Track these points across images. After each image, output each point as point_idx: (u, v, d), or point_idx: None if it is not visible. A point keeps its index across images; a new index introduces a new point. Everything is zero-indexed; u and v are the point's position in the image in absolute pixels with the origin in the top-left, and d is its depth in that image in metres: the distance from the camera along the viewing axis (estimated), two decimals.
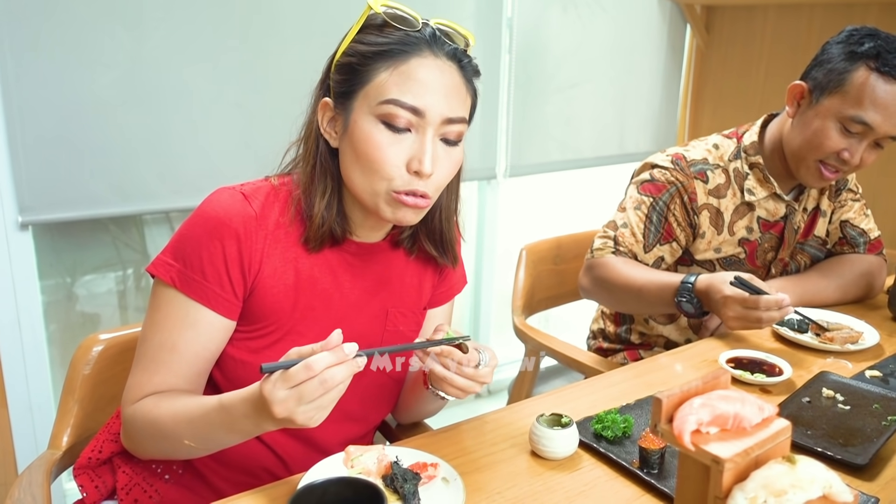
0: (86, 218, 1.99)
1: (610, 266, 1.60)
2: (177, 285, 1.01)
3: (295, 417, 0.82)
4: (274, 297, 1.05)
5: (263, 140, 2.10)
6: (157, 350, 1.02)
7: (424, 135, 0.99)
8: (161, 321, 1.02)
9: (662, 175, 1.63)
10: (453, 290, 1.30)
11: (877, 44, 1.45)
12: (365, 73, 0.99)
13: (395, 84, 0.97)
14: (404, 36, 1.00)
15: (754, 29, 2.99)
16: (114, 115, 1.92)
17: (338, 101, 1.03)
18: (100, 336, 1.30)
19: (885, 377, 1.35)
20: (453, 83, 1.01)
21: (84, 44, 1.83)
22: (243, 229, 1.02)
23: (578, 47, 2.82)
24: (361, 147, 0.99)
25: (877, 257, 1.76)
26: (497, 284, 2.96)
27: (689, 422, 0.66)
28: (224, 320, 1.04)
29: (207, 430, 0.93)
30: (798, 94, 1.58)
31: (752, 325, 1.38)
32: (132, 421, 1.02)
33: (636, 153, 3.07)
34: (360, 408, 1.16)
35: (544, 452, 1.04)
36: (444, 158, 1.02)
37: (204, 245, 1.01)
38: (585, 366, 1.71)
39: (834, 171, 1.54)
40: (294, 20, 2.11)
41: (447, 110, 1.00)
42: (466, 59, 1.04)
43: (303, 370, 0.80)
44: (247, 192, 1.05)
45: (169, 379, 1.01)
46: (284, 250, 1.06)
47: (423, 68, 0.98)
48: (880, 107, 1.45)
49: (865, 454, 1.05)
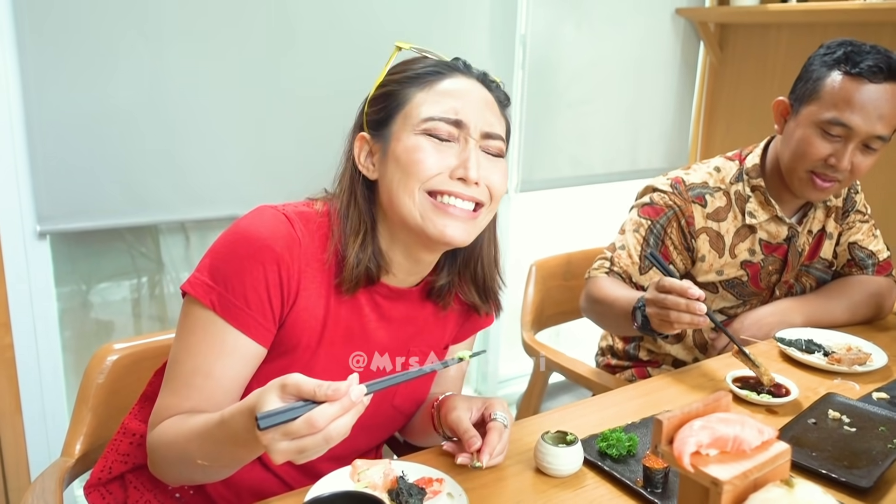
0: (102, 228, 2.02)
1: (598, 285, 1.60)
2: (216, 309, 0.97)
3: (295, 462, 0.79)
4: (303, 330, 1.03)
5: (279, 153, 2.13)
6: (191, 375, 0.99)
7: (467, 144, 1.01)
8: (196, 345, 0.99)
9: (661, 199, 1.64)
10: (477, 327, 1.29)
11: (847, 50, 1.49)
12: (401, 96, 1.02)
13: (432, 102, 1.01)
14: (437, 62, 1.04)
15: (768, 47, 3.00)
16: (131, 127, 1.95)
17: (374, 132, 1.04)
18: (114, 346, 1.32)
19: (892, 399, 1.34)
20: (487, 99, 1.05)
21: (104, 56, 1.87)
22: (286, 254, 0.99)
23: (591, 63, 2.84)
24: (404, 156, 0.99)
25: (886, 279, 1.76)
26: (508, 299, 2.96)
27: (689, 444, 0.67)
28: (259, 348, 1.01)
29: (214, 446, 0.90)
30: (783, 111, 1.61)
31: (662, 313, 1.28)
32: (154, 446, 1.00)
33: (648, 170, 3.08)
34: (369, 443, 1.18)
35: (549, 469, 1.05)
36: (491, 167, 1.03)
37: (246, 268, 0.97)
38: (593, 382, 1.71)
39: (828, 180, 1.54)
40: (314, 36, 2.14)
41: (484, 124, 1.02)
42: (495, 84, 1.09)
43: (305, 426, 0.75)
44: (290, 214, 1.03)
45: (202, 404, 0.98)
46: (319, 285, 1.04)
47: (456, 84, 1.03)
48: (855, 106, 1.46)
49: (870, 477, 1.06)
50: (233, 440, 0.85)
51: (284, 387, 0.77)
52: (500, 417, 1.06)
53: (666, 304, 1.26)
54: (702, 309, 1.24)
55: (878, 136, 1.48)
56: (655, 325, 1.33)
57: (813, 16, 2.69)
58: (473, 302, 1.18)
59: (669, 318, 1.27)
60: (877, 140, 1.49)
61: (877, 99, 1.46)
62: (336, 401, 0.76)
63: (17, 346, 1.96)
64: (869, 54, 1.47)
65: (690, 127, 3.29)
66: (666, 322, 1.28)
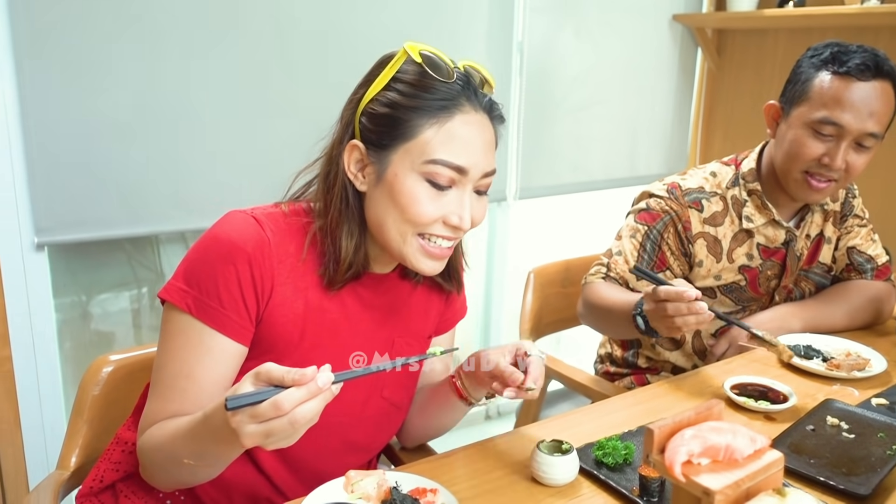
0: (100, 239, 2.02)
1: (595, 290, 1.61)
2: (192, 312, 1.00)
3: (264, 447, 0.82)
4: (283, 325, 1.05)
5: (277, 163, 2.13)
6: (174, 378, 1.01)
7: (464, 190, 1.03)
8: (176, 349, 1.02)
9: (657, 204, 1.64)
10: (456, 317, 1.32)
11: (834, 50, 1.50)
12: (407, 128, 1.01)
13: (441, 143, 1.00)
14: (445, 89, 1.01)
15: (765, 52, 3.00)
16: (130, 138, 1.96)
17: (371, 150, 1.04)
18: (110, 357, 1.32)
19: (891, 405, 1.34)
20: (490, 138, 1.06)
21: (101, 67, 1.88)
22: (256, 253, 1.01)
23: (589, 70, 2.84)
24: (402, 200, 1.01)
25: (885, 283, 1.75)
26: (507, 306, 2.96)
27: (680, 453, 0.67)
28: (239, 346, 1.03)
29: (198, 444, 0.91)
30: (775, 114, 1.61)
31: (667, 321, 1.28)
32: (144, 450, 1.02)
33: (647, 176, 3.08)
34: (363, 437, 1.17)
35: (544, 479, 1.04)
36: (478, 207, 1.07)
37: (218, 270, 1.00)
38: (592, 390, 1.71)
39: (824, 180, 1.54)
40: (312, 44, 2.15)
41: (486, 165, 1.04)
42: (497, 110, 1.09)
43: (271, 409, 0.78)
44: (259, 216, 1.05)
45: (185, 407, 1.00)
46: (296, 280, 1.06)
47: (466, 126, 1.02)
48: (845, 104, 1.47)
49: (868, 484, 1.05)
50: (214, 436, 0.87)
51: (258, 374, 0.81)
52: (535, 352, 1.10)
53: (667, 312, 1.27)
54: (703, 307, 1.25)
55: (871, 134, 1.49)
56: (664, 333, 1.34)
57: (810, 21, 2.69)
58: (437, 281, 1.22)
59: (676, 325, 1.28)
60: (869, 138, 1.49)
61: (866, 96, 1.46)
62: (303, 385, 0.79)
63: (16, 359, 1.96)
64: (856, 53, 1.48)
65: (689, 132, 3.29)
66: (674, 328, 1.29)
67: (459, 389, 1.17)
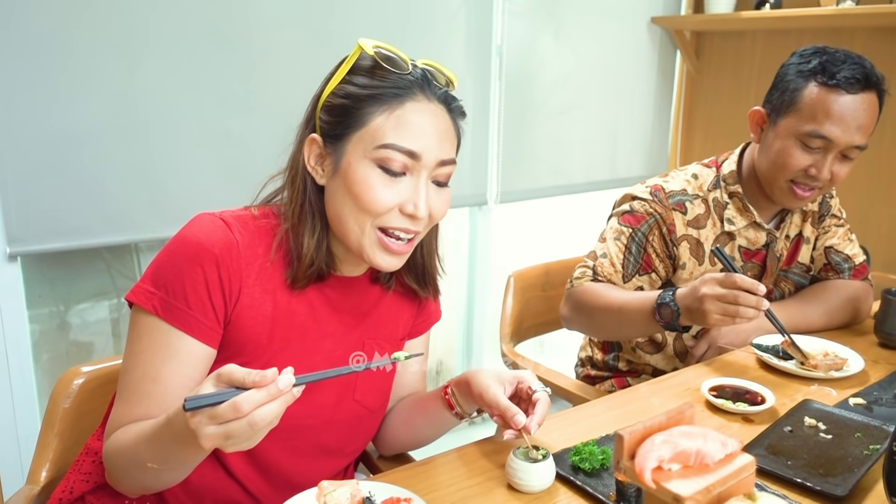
0: (75, 248, 1.99)
1: (589, 292, 1.60)
2: (159, 313, 1.00)
3: (224, 449, 0.81)
4: (251, 327, 1.05)
5: (255, 169, 2.08)
6: (140, 381, 1.01)
7: (419, 178, 1.02)
8: (142, 351, 1.01)
9: (641, 206, 1.64)
10: (430, 321, 1.31)
11: (822, 60, 1.49)
12: (359, 116, 1.01)
13: (391, 128, 1.00)
14: (397, 79, 1.02)
15: (743, 54, 3.01)
16: (104, 145, 1.93)
17: (328, 142, 1.04)
18: (81, 369, 1.29)
19: (868, 405, 1.34)
20: (445, 126, 1.05)
21: (74, 73, 1.85)
22: (224, 255, 1.01)
23: (569, 73, 2.85)
24: (356, 188, 1.01)
25: (862, 283, 1.76)
26: (490, 310, 2.96)
27: (651, 459, 0.66)
28: (207, 349, 1.03)
29: (162, 448, 0.90)
30: (759, 120, 1.61)
31: (730, 309, 1.33)
32: (108, 455, 1.01)
33: (628, 178, 3.09)
34: (336, 441, 1.16)
35: (520, 486, 1.03)
36: (437, 199, 1.06)
37: (186, 271, 1.00)
38: (572, 394, 1.70)
39: (808, 189, 1.55)
40: (288, 48, 2.14)
41: (441, 153, 1.03)
42: (454, 102, 1.08)
43: (230, 410, 0.77)
44: (227, 219, 1.05)
45: (151, 410, 0.99)
46: (265, 282, 1.06)
47: (417, 112, 1.01)
48: (834, 119, 1.47)
49: (846, 485, 1.05)
50: (177, 439, 0.86)
51: (219, 375, 0.80)
52: (539, 387, 1.11)
53: (738, 300, 1.31)
54: (766, 305, 1.33)
55: (857, 146, 1.50)
56: (706, 322, 1.36)
57: (787, 22, 2.71)
58: (413, 287, 1.21)
59: (738, 314, 1.32)
60: (855, 150, 1.51)
61: (854, 110, 1.47)
62: (263, 387, 0.78)
63: None
64: (844, 64, 1.47)
65: (669, 135, 3.30)
66: (728, 316, 1.33)
67: (452, 403, 1.18)
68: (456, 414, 1.19)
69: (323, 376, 0.87)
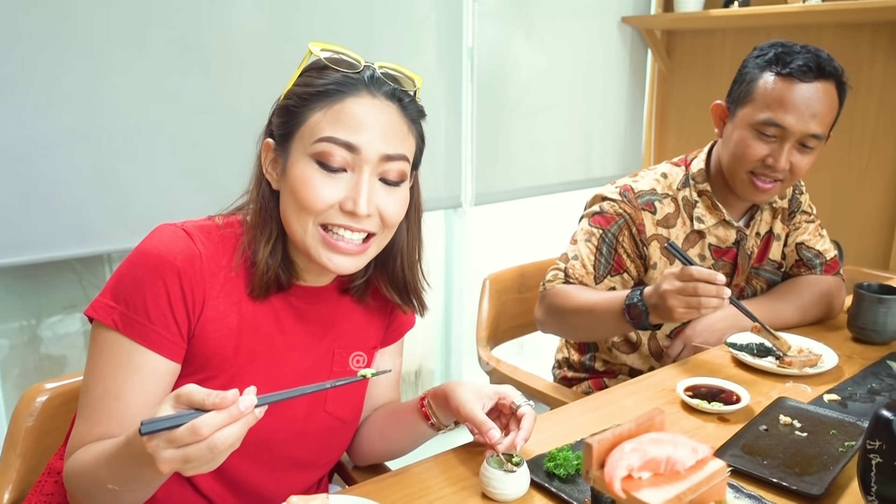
0: (40, 261, 1.94)
1: (562, 293, 1.59)
2: (119, 328, 0.97)
3: (182, 473, 0.78)
4: (216, 340, 1.02)
5: (225, 178, 2.08)
6: (101, 399, 0.98)
7: (361, 173, 0.98)
8: (103, 368, 0.98)
9: (611, 207, 1.63)
10: (403, 328, 1.29)
11: (778, 51, 1.51)
12: (300, 114, 0.99)
13: (328, 122, 0.97)
14: (342, 77, 0.99)
15: (713, 52, 3.03)
16: (68, 154, 1.88)
17: (278, 144, 1.02)
18: (45, 385, 1.26)
19: (843, 401, 1.34)
20: (391, 121, 1.00)
21: (33, 80, 1.81)
22: (186, 267, 0.99)
23: (541, 74, 2.84)
24: (294, 185, 0.98)
25: (835, 278, 1.77)
26: (467, 313, 2.94)
27: (620, 468, 0.65)
28: (170, 364, 1.00)
29: (121, 468, 0.87)
30: (721, 114, 1.62)
31: (692, 301, 1.31)
32: (69, 475, 0.98)
33: (603, 177, 3.09)
34: (307, 454, 1.14)
35: (494, 495, 1.01)
36: (387, 198, 1.01)
37: (147, 284, 0.97)
38: (549, 397, 1.69)
39: (769, 181, 1.55)
40: (254, 57, 2.11)
41: (384, 147, 0.99)
42: (408, 98, 1.03)
43: (189, 433, 0.74)
44: (189, 229, 1.03)
45: (113, 429, 0.96)
46: (229, 293, 1.03)
47: (357, 106, 0.98)
48: (788, 106, 1.48)
49: (821, 483, 1.04)
50: (137, 460, 0.83)
51: (178, 396, 0.77)
52: (522, 402, 1.10)
53: (698, 292, 1.30)
54: (728, 293, 1.31)
55: (814, 135, 1.50)
56: (671, 318, 1.35)
57: (755, 20, 2.73)
58: (394, 301, 1.18)
59: (700, 305, 1.31)
60: (812, 139, 1.50)
61: (808, 98, 1.47)
62: (223, 409, 0.75)
63: None
64: (799, 54, 1.48)
65: (643, 133, 3.31)
66: (693, 309, 1.32)
67: (428, 415, 1.16)
68: (432, 425, 1.17)
69: (286, 396, 0.83)
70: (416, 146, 1.06)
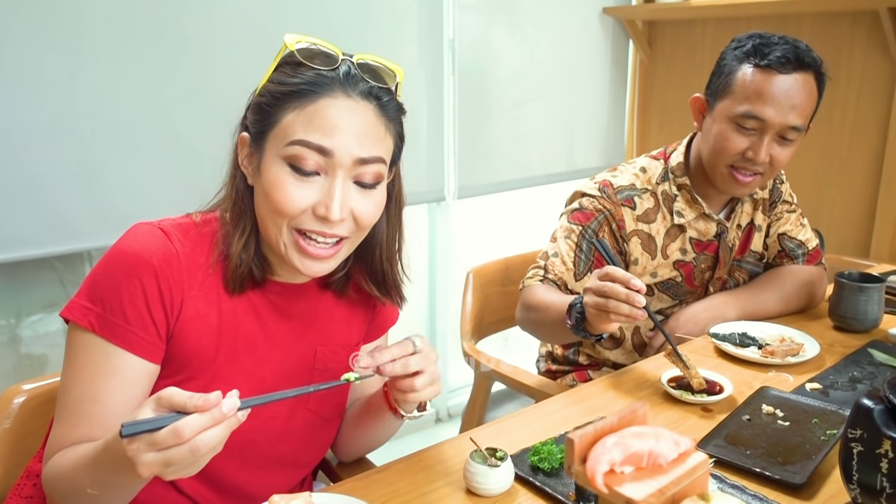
0: (19, 259, 1.92)
1: (532, 293, 1.56)
2: (96, 330, 0.95)
3: (163, 476, 0.77)
4: (196, 340, 1.01)
5: (207, 172, 2.04)
6: (79, 402, 0.96)
7: (334, 178, 0.96)
8: (80, 370, 0.97)
9: (591, 203, 1.62)
10: (387, 323, 1.28)
11: (756, 43, 1.50)
12: (274, 114, 0.97)
13: (301, 125, 0.95)
14: (316, 76, 0.96)
15: (694, 42, 3.03)
16: (47, 151, 1.86)
17: (253, 140, 1.00)
18: (23, 386, 1.24)
19: (824, 389, 1.35)
20: (366, 122, 0.97)
21: (16, 75, 1.77)
22: (163, 267, 0.97)
23: (523, 66, 2.83)
24: (267, 188, 0.97)
25: (816, 267, 1.77)
26: (452, 307, 2.94)
27: (602, 462, 0.64)
28: (148, 365, 0.99)
29: (100, 473, 0.86)
30: (700, 107, 1.61)
31: (600, 302, 1.22)
32: (47, 480, 0.97)
33: (586, 169, 3.09)
34: (291, 452, 1.13)
35: (479, 489, 1.01)
36: (361, 202, 0.99)
37: (123, 285, 0.96)
38: (534, 390, 1.68)
39: (749, 174, 1.54)
40: (235, 51, 2.08)
41: (359, 150, 0.96)
42: (387, 96, 1.01)
43: (171, 436, 0.73)
44: (166, 227, 1.01)
45: (93, 432, 0.95)
46: (208, 292, 1.02)
47: (331, 108, 0.95)
48: (767, 98, 1.47)
49: (804, 472, 1.05)
50: (116, 464, 0.82)
51: (159, 399, 0.77)
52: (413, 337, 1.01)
53: (605, 291, 1.21)
54: (641, 301, 1.20)
55: (793, 127, 1.49)
56: (591, 318, 1.26)
57: (735, 10, 2.73)
58: (372, 293, 1.16)
59: (608, 308, 1.21)
60: (792, 131, 1.50)
61: (787, 89, 1.46)
62: (206, 411, 0.75)
63: None
64: (777, 45, 1.47)
65: (625, 124, 3.31)
66: (603, 312, 1.22)
67: (390, 402, 1.12)
68: (394, 411, 1.10)
69: (270, 399, 0.83)
70: (394, 145, 1.04)
